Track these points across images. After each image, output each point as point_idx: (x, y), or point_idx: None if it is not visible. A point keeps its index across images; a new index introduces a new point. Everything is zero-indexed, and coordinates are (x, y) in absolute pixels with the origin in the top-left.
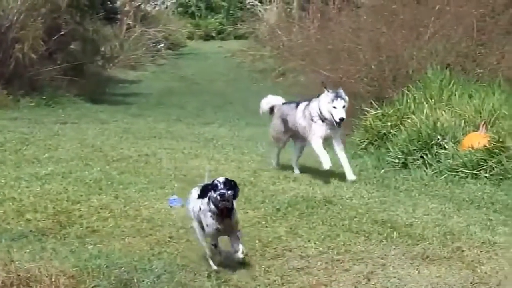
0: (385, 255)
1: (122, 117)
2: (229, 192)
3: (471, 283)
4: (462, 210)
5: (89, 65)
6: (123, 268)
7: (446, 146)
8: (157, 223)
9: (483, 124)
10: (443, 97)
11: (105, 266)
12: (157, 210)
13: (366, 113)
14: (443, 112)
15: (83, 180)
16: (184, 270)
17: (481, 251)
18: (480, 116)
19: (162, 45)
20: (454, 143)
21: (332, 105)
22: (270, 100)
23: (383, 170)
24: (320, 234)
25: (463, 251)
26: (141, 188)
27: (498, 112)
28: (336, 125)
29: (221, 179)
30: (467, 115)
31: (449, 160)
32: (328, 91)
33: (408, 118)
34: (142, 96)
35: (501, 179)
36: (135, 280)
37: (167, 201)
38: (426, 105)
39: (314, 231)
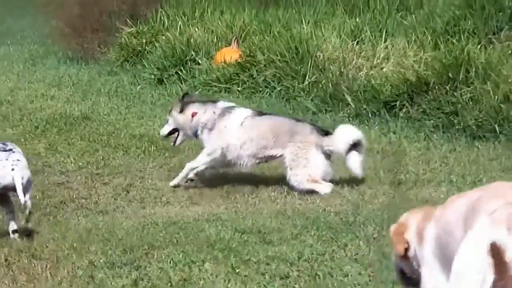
0: (143, 168)
1: None
2: None
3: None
4: None
5: None
6: None
7: (200, 62)
8: None
9: (235, 39)
10: (196, 14)
11: None
12: None
13: (121, 30)
14: (196, 28)
15: None
16: None
17: None
18: (232, 32)
19: None
20: (207, 59)
21: None
22: None
23: (139, 87)
24: (79, 150)
25: None
26: None
27: (248, 27)
28: None
29: None
30: (219, 31)
31: (203, 75)
32: None
33: (162, 35)
34: None
35: (252, 92)
36: None
37: None
38: (180, 22)
39: (73, 147)
